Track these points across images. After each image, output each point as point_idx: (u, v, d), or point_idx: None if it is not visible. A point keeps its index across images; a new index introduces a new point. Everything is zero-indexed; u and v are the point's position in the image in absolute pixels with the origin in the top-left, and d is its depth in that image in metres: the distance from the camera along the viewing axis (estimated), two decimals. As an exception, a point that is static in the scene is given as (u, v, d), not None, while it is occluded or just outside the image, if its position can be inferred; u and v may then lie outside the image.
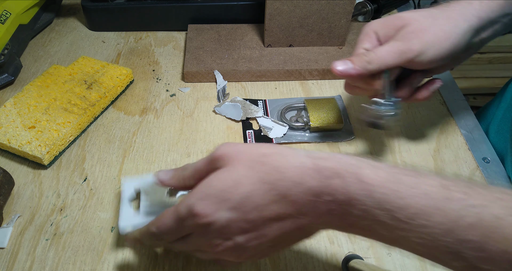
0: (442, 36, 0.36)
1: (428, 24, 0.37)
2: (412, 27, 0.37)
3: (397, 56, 0.37)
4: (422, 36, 0.36)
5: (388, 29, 0.39)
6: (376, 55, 0.37)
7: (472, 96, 1.46)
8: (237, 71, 0.59)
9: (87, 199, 0.46)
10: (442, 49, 0.37)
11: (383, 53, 0.37)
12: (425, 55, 0.37)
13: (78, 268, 0.40)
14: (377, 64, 0.37)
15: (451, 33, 0.37)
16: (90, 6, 0.66)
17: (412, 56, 0.37)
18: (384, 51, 0.37)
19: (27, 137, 0.48)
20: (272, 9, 0.59)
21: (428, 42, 0.36)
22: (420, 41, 0.36)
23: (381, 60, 0.37)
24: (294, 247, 0.42)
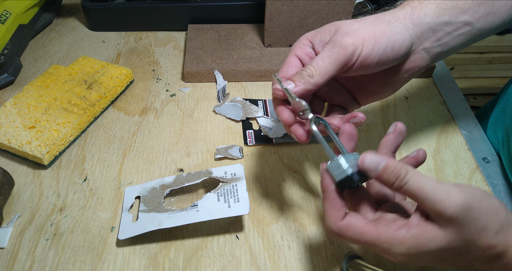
0: (377, 32, 0.35)
1: (360, 25, 0.35)
2: (344, 29, 0.35)
3: (333, 60, 0.34)
4: (354, 34, 0.34)
5: (323, 35, 0.36)
6: (314, 67, 0.34)
7: (472, 96, 1.46)
8: (237, 71, 0.59)
9: (87, 199, 0.46)
10: (378, 45, 0.34)
11: (320, 63, 0.34)
12: (362, 50, 0.34)
13: (78, 268, 0.40)
14: (319, 75, 0.34)
15: (385, 30, 0.35)
16: (90, 6, 0.66)
17: (348, 54, 0.34)
18: (320, 59, 0.34)
19: (27, 137, 0.48)
20: (272, 9, 0.59)
21: (362, 38, 0.34)
22: (353, 38, 0.34)
23: (321, 70, 0.34)
24: (294, 247, 0.42)
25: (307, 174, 0.49)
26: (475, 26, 0.38)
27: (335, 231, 0.31)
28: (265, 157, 0.50)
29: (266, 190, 0.47)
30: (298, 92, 0.34)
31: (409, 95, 0.59)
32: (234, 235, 0.43)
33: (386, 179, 0.29)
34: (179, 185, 0.45)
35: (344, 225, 0.31)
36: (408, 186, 0.28)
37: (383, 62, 0.35)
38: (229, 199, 0.42)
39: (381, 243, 0.29)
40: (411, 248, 0.29)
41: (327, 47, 0.35)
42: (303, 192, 0.47)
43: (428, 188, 0.28)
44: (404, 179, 0.28)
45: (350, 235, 0.30)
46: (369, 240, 0.30)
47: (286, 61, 0.38)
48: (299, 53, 0.37)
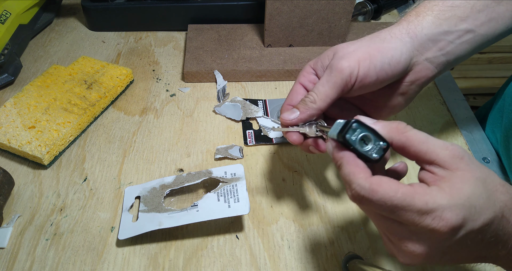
0: (371, 51, 0.35)
1: (356, 46, 0.36)
2: (340, 52, 0.36)
3: (332, 84, 0.35)
4: (350, 56, 0.35)
5: (323, 61, 0.38)
6: (315, 92, 0.36)
7: (472, 96, 1.46)
8: (237, 71, 0.59)
9: (87, 199, 0.46)
10: (374, 63, 0.35)
11: (320, 88, 0.36)
12: (358, 71, 0.35)
13: (78, 268, 0.40)
14: (321, 100, 0.36)
15: (379, 48, 0.35)
16: (90, 6, 0.66)
17: (345, 77, 0.35)
18: (320, 85, 0.36)
19: (27, 137, 0.48)
20: (272, 9, 0.59)
21: (357, 59, 0.35)
22: (348, 60, 0.35)
23: (323, 95, 0.36)
24: (294, 247, 0.42)
25: (307, 174, 0.49)
26: (477, 32, 0.38)
27: (366, 188, 0.27)
28: (265, 157, 0.50)
29: (266, 190, 0.47)
30: (303, 119, 0.36)
31: (409, 95, 0.59)
32: (234, 235, 0.43)
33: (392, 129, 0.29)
34: (179, 185, 0.45)
35: (375, 181, 0.27)
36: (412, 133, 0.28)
37: (382, 78, 0.36)
38: (229, 199, 0.42)
39: (420, 198, 0.26)
40: (454, 198, 0.25)
41: (326, 72, 0.36)
42: (303, 192, 0.47)
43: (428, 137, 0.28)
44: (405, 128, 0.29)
45: (384, 192, 0.26)
46: (405, 196, 0.26)
47: (292, 90, 0.39)
48: (303, 81, 0.39)
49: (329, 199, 0.46)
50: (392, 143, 0.29)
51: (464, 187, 0.26)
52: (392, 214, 0.27)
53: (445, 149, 0.27)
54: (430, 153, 0.28)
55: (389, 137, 0.29)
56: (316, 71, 0.39)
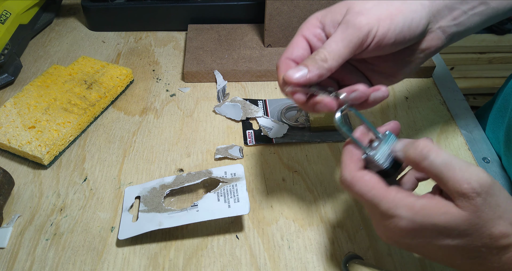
0: (392, 10, 0.33)
1: (374, 3, 0.33)
2: (357, 8, 0.33)
3: (348, 42, 0.32)
4: (368, 13, 0.32)
5: (334, 15, 0.34)
6: (327, 50, 0.32)
7: (472, 96, 1.47)
8: (237, 71, 0.60)
9: (87, 199, 0.46)
10: (395, 24, 0.32)
11: (333, 46, 0.32)
12: (377, 31, 0.32)
13: (78, 268, 0.40)
14: (333, 59, 0.32)
15: (400, 8, 0.33)
16: (90, 6, 0.66)
17: (363, 35, 0.32)
18: (333, 42, 0.32)
19: (27, 137, 0.48)
20: (272, 9, 0.59)
21: (377, 17, 0.32)
22: (367, 17, 0.32)
23: (335, 54, 0.32)
24: (294, 247, 0.42)
25: (307, 174, 0.49)
26: (490, 5, 0.36)
27: (347, 180, 0.31)
28: (265, 157, 0.50)
29: (266, 190, 0.47)
30: (312, 78, 0.33)
31: (409, 95, 0.59)
32: (234, 235, 0.43)
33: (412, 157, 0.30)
34: (179, 185, 0.45)
35: (357, 176, 0.30)
36: (431, 160, 0.28)
37: (399, 41, 0.34)
38: (229, 199, 0.42)
39: (386, 202, 0.29)
40: (416, 216, 0.28)
41: (339, 28, 0.33)
42: (303, 192, 0.47)
43: (455, 166, 0.27)
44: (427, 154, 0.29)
45: (360, 187, 0.30)
46: (376, 196, 0.29)
47: (292, 42, 0.35)
48: (307, 34, 0.35)
49: (329, 199, 0.46)
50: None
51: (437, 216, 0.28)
52: (365, 205, 0.31)
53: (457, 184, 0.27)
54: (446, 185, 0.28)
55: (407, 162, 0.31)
56: (324, 26, 0.35)
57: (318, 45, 0.35)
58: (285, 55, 0.35)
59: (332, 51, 0.32)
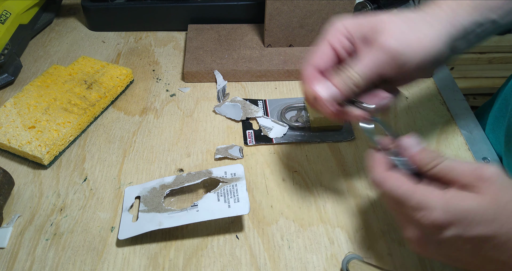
0: (422, 37, 0.34)
1: (406, 26, 0.34)
2: (390, 29, 0.33)
3: (378, 66, 0.33)
4: (401, 37, 0.33)
5: (365, 29, 0.34)
6: (359, 74, 0.33)
7: (472, 96, 1.46)
8: (237, 71, 0.59)
9: (87, 199, 0.46)
10: (423, 50, 0.33)
11: (364, 70, 0.33)
12: (406, 56, 0.33)
13: (78, 268, 0.40)
14: (363, 82, 0.33)
15: (430, 35, 0.34)
16: (90, 6, 0.66)
17: (394, 62, 0.33)
18: (365, 66, 0.33)
19: (27, 137, 0.48)
20: (272, 9, 0.59)
21: (408, 43, 0.33)
22: (400, 42, 0.33)
23: (366, 77, 0.33)
24: (294, 247, 0.42)
25: (307, 174, 0.49)
26: (499, 23, 0.37)
27: (377, 178, 0.32)
28: (265, 157, 0.50)
29: (266, 190, 0.47)
30: (340, 99, 0.34)
31: (409, 95, 0.59)
32: (234, 235, 0.43)
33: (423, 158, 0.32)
34: (179, 185, 0.45)
35: (387, 175, 0.32)
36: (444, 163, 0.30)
37: (421, 67, 0.34)
38: (229, 199, 0.42)
39: (417, 195, 0.29)
40: (448, 204, 0.28)
41: (372, 50, 0.33)
42: (303, 192, 0.47)
43: (462, 163, 0.30)
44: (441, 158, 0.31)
45: (390, 184, 0.31)
46: (406, 190, 0.30)
47: (319, 49, 0.35)
48: (335, 43, 0.35)
49: (329, 199, 0.46)
50: None
51: (466, 202, 0.28)
52: (395, 203, 0.32)
53: (472, 172, 0.29)
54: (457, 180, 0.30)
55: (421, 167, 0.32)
56: (352, 37, 0.35)
57: (343, 55, 0.36)
58: (311, 63, 0.35)
59: (364, 74, 0.33)
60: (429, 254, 0.32)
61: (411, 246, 0.32)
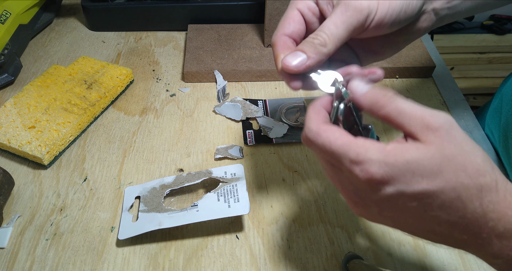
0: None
1: None
2: None
3: (348, 25, 0.31)
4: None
5: None
6: (327, 33, 0.31)
7: (472, 96, 1.47)
8: (237, 71, 0.60)
9: (87, 199, 0.46)
10: (393, 6, 0.32)
11: (333, 29, 0.31)
12: (376, 14, 0.31)
13: (78, 268, 0.40)
14: (332, 43, 0.31)
15: None
16: (90, 6, 0.66)
17: (363, 18, 0.31)
18: (333, 25, 0.31)
19: (27, 137, 0.48)
20: (272, 9, 0.59)
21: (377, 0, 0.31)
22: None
23: (335, 37, 0.31)
24: (294, 247, 0.42)
25: (307, 174, 0.49)
26: None
27: (313, 130, 0.28)
28: (265, 157, 0.50)
29: (266, 190, 0.47)
30: (311, 65, 0.31)
31: (409, 95, 0.59)
32: (234, 235, 0.43)
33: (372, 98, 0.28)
34: (179, 185, 0.45)
35: (323, 127, 0.28)
36: (393, 105, 0.27)
37: (395, 24, 0.33)
38: (229, 199, 0.42)
39: (356, 147, 0.26)
40: (388, 156, 0.25)
41: (339, 9, 0.31)
42: (303, 192, 0.47)
43: (413, 107, 0.26)
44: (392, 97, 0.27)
45: (326, 137, 0.27)
46: (344, 143, 0.27)
47: (287, 15, 0.34)
48: (302, 7, 0.34)
49: (329, 199, 0.46)
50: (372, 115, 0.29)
51: (408, 152, 0.25)
52: (331, 159, 0.28)
53: (420, 120, 0.26)
54: (403, 126, 0.27)
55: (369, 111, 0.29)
56: (319, 1, 0.33)
57: (312, 19, 0.34)
58: (281, 31, 0.34)
59: (332, 34, 0.31)
60: (372, 217, 0.30)
61: (353, 209, 0.30)
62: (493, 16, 1.64)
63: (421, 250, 0.42)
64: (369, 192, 0.27)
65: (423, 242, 0.43)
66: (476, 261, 0.41)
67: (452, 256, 0.42)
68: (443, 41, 1.54)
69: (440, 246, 0.42)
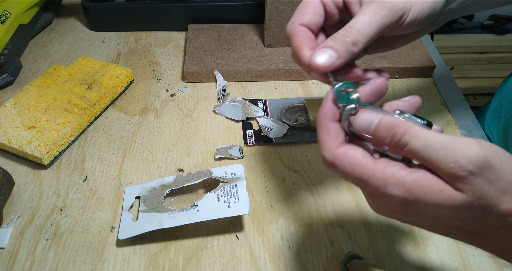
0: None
1: None
2: None
3: (381, 24, 0.29)
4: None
5: None
6: (360, 32, 0.29)
7: (472, 96, 1.47)
8: (237, 71, 0.60)
9: (87, 199, 0.46)
10: (424, 9, 0.30)
11: (366, 27, 0.29)
12: (409, 14, 0.30)
13: (78, 268, 0.40)
14: (362, 43, 0.29)
15: None
16: (90, 6, 0.66)
17: (396, 19, 0.29)
18: (366, 23, 0.29)
19: (27, 137, 0.48)
20: (272, 9, 0.59)
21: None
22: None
23: (367, 36, 0.29)
24: (294, 247, 0.42)
25: (307, 174, 0.49)
26: None
27: (329, 159, 0.27)
28: (265, 157, 0.50)
29: (266, 190, 0.47)
30: (339, 65, 0.29)
31: (409, 95, 0.59)
32: (234, 235, 0.43)
33: (381, 138, 0.26)
34: (179, 185, 0.45)
35: (339, 153, 0.27)
36: (410, 145, 0.24)
37: (421, 24, 0.31)
38: (229, 199, 0.42)
39: (375, 180, 0.25)
40: (408, 193, 0.24)
41: (373, 6, 0.29)
42: (303, 192, 0.47)
43: (436, 146, 0.23)
44: (404, 137, 0.25)
45: (344, 165, 0.26)
46: (363, 173, 0.26)
47: (307, 4, 0.31)
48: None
49: (329, 199, 0.46)
50: None
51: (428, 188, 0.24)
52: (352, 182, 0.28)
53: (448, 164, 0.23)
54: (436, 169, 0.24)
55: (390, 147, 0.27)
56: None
57: (333, 11, 0.32)
58: (298, 20, 0.31)
59: (365, 33, 0.29)
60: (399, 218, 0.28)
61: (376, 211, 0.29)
62: (493, 16, 1.64)
63: (421, 250, 0.42)
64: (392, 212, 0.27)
65: (423, 242, 0.43)
66: (476, 261, 0.41)
67: (452, 256, 0.42)
68: (443, 41, 1.54)
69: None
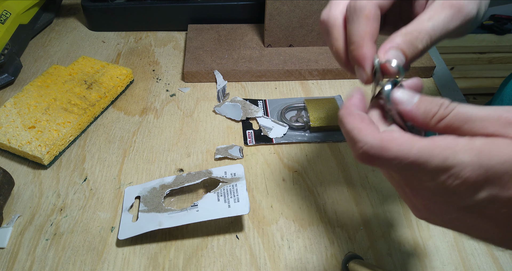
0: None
1: None
2: None
3: (448, 26, 0.27)
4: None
5: None
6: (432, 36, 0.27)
7: (472, 96, 1.47)
8: (237, 71, 0.60)
9: (87, 199, 0.46)
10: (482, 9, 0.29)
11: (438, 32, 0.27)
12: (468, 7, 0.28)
13: (78, 268, 0.40)
14: (432, 42, 0.27)
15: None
16: (90, 6, 0.66)
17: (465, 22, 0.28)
18: (439, 27, 0.27)
19: (27, 137, 0.48)
20: (272, 9, 0.59)
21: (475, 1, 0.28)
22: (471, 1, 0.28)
23: (434, 41, 0.28)
24: (294, 247, 0.42)
25: (307, 174, 0.49)
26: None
27: (376, 146, 0.23)
28: (265, 157, 0.50)
29: (266, 190, 0.47)
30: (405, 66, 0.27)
31: (409, 95, 0.59)
32: (234, 235, 0.43)
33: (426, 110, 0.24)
34: (179, 185, 0.45)
35: (386, 137, 0.23)
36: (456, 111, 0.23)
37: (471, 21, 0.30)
38: (229, 199, 0.42)
39: (440, 152, 0.22)
40: (482, 156, 0.21)
41: (444, 6, 0.27)
42: (303, 192, 0.47)
43: (479, 110, 0.22)
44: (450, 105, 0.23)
45: (397, 148, 0.22)
46: (423, 151, 0.22)
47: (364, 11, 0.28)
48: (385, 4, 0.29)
49: (329, 199, 0.46)
50: None
51: (503, 151, 0.21)
52: (407, 171, 0.23)
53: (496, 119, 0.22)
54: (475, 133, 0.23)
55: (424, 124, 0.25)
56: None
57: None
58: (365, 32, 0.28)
59: (435, 37, 0.27)
60: (442, 223, 0.26)
61: (416, 212, 0.27)
62: (493, 16, 1.64)
63: (421, 250, 0.42)
64: (455, 198, 0.23)
65: (423, 242, 0.43)
66: (476, 261, 0.41)
67: (452, 256, 0.42)
68: (443, 41, 1.54)
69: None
